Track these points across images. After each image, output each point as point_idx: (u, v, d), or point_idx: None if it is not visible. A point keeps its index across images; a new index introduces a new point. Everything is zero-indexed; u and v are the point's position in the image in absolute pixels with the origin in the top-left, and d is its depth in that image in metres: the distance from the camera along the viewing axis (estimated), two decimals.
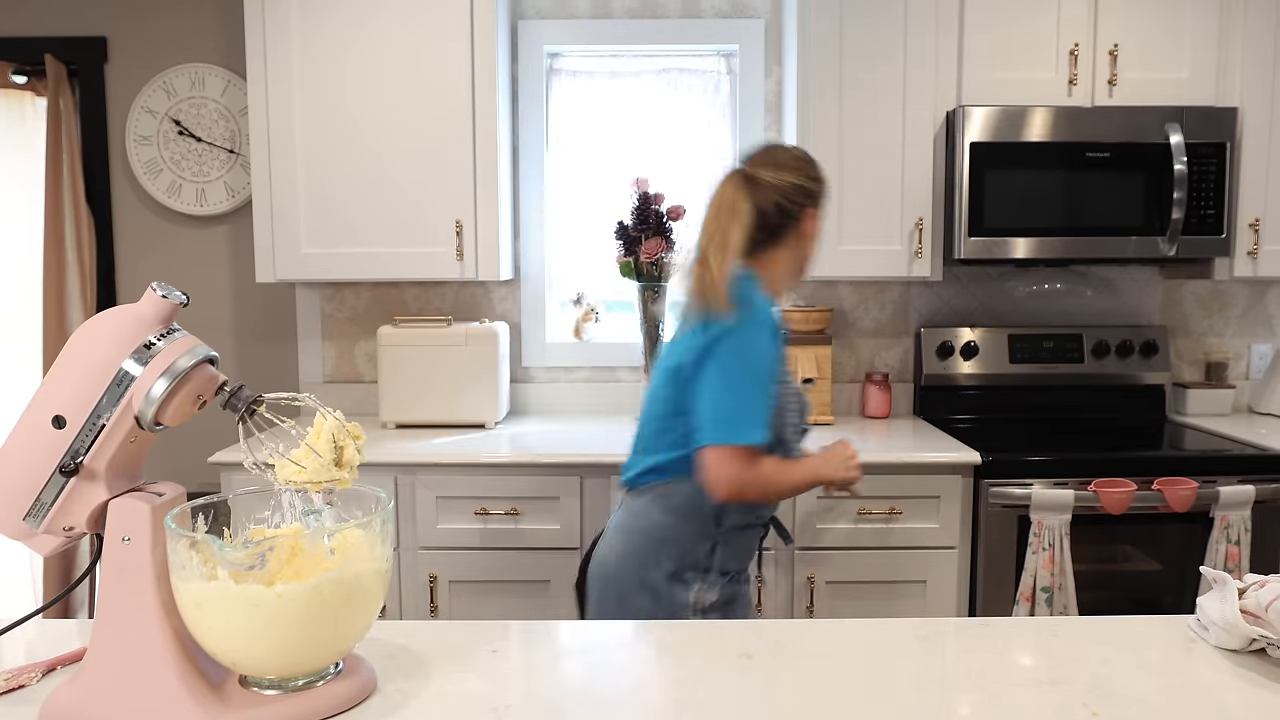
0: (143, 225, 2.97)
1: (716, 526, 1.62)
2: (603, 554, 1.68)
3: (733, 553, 1.66)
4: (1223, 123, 2.52)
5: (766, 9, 2.89)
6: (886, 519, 2.34)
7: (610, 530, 1.70)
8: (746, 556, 1.70)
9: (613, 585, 1.64)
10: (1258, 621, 1.08)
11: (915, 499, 2.33)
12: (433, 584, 2.37)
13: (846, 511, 2.34)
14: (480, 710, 0.99)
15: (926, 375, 2.87)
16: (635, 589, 1.61)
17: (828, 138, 2.58)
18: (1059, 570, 2.25)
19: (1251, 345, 2.99)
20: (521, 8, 2.90)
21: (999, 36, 2.55)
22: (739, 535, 1.66)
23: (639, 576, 1.61)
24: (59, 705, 0.96)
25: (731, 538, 1.65)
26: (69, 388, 0.96)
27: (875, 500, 2.33)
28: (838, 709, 0.99)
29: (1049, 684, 1.04)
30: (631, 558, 1.62)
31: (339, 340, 2.98)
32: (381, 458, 2.35)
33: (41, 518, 0.98)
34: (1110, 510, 2.27)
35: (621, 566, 1.63)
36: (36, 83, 2.93)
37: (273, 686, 0.98)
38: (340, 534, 0.99)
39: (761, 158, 1.66)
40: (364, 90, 2.57)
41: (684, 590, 1.61)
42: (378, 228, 2.61)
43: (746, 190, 1.62)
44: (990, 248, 2.54)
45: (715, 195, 1.66)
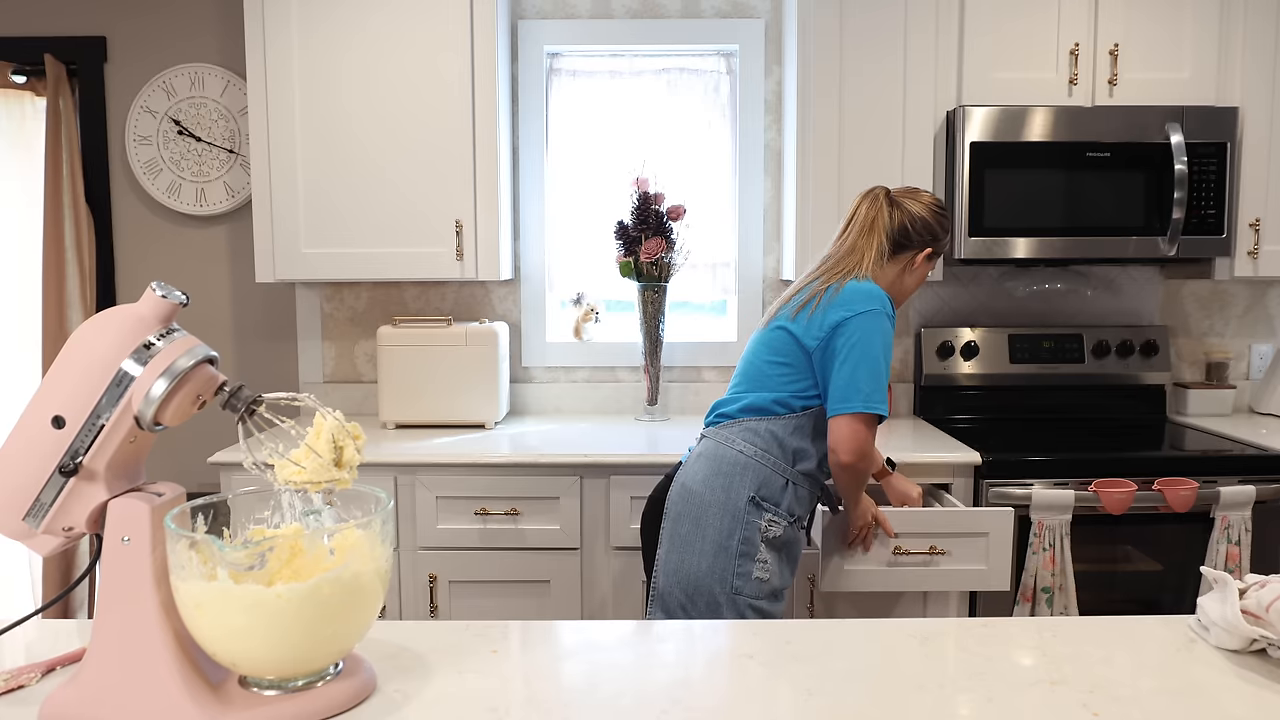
0: (142, 225, 2.97)
1: (791, 466, 1.85)
2: (686, 477, 1.87)
3: (799, 497, 1.86)
4: (1223, 122, 2.52)
5: (766, 9, 2.89)
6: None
7: (694, 458, 1.90)
8: (806, 507, 1.90)
9: (694, 504, 1.83)
10: (1258, 622, 1.08)
11: None
12: (433, 584, 2.37)
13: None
14: (480, 710, 0.99)
15: (926, 375, 2.87)
16: (717, 509, 1.80)
17: (828, 138, 2.58)
18: (1059, 570, 2.25)
19: (1252, 345, 2.99)
20: (521, 8, 2.90)
21: (999, 36, 2.55)
22: (806, 482, 1.87)
23: (724, 496, 1.81)
24: (58, 705, 0.96)
25: (801, 482, 1.86)
26: (68, 388, 0.96)
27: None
28: (838, 709, 0.99)
29: (1049, 684, 1.04)
30: (717, 478, 1.82)
31: (339, 340, 2.98)
32: (381, 458, 2.34)
33: (41, 518, 0.98)
34: (1111, 510, 2.27)
35: (708, 485, 1.83)
36: (36, 82, 2.93)
37: (272, 687, 0.98)
38: (340, 534, 0.99)
39: (908, 191, 1.95)
40: (364, 90, 2.57)
41: (759, 515, 1.80)
42: (377, 228, 2.61)
43: (888, 208, 1.92)
44: (990, 248, 2.54)
45: (863, 206, 1.93)
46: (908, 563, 2.01)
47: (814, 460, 1.88)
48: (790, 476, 1.85)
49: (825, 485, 1.96)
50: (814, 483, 1.91)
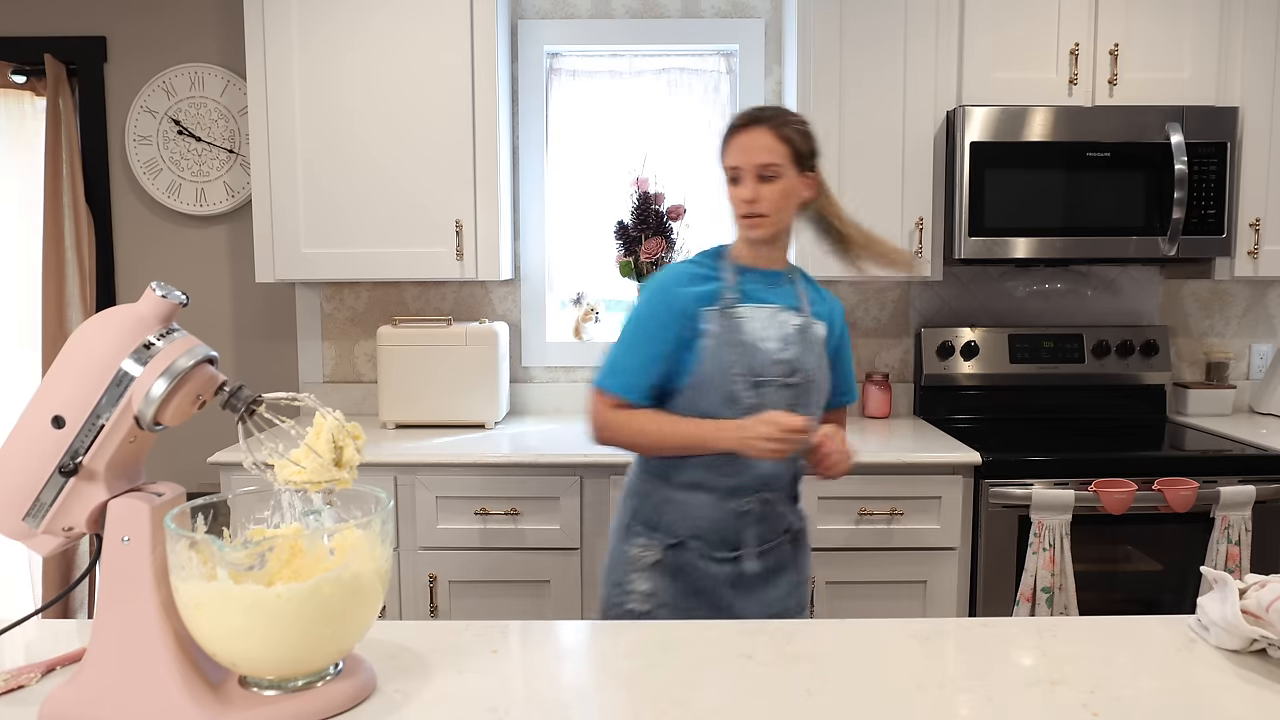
0: (142, 225, 2.97)
1: (665, 482, 1.66)
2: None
3: (683, 515, 1.64)
4: (1223, 122, 2.52)
5: (766, 9, 2.89)
6: (887, 519, 2.34)
7: None
8: (709, 527, 1.64)
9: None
10: (1258, 622, 1.08)
11: (915, 499, 2.33)
12: (433, 584, 2.37)
13: (847, 512, 2.34)
14: (480, 710, 0.99)
15: (927, 375, 2.87)
16: (610, 540, 1.75)
17: (828, 137, 2.58)
18: (1059, 570, 2.25)
19: (1252, 345, 2.99)
20: (521, 8, 2.90)
21: (999, 36, 2.55)
22: (691, 497, 1.64)
23: (614, 524, 1.76)
24: (58, 705, 0.96)
25: (682, 498, 1.64)
26: (68, 388, 0.96)
27: (876, 500, 2.33)
28: (838, 709, 0.99)
29: (1049, 684, 1.04)
30: (616, 512, 1.78)
31: (339, 340, 2.98)
32: (381, 458, 2.34)
33: (41, 518, 0.98)
34: (1111, 510, 2.27)
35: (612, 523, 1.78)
36: (36, 82, 2.93)
37: (272, 687, 0.98)
38: (340, 534, 0.99)
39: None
40: (364, 90, 2.57)
41: (630, 542, 1.67)
42: (377, 227, 2.61)
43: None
44: (990, 248, 2.54)
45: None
46: (871, 521, 2.34)
47: (693, 468, 1.63)
48: (668, 494, 1.65)
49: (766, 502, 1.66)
50: (706, 493, 1.63)
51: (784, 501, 1.70)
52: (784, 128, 1.62)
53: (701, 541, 1.64)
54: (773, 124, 1.61)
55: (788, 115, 1.64)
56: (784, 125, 1.62)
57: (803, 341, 1.65)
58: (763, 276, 1.68)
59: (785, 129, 1.62)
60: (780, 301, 1.67)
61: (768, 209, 1.61)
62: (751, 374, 1.61)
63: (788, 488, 1.71)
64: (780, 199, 1.62)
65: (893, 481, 2.32)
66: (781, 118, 1.62)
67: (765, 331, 1.63)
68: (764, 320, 1.64)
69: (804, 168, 1.64)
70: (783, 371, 1.63)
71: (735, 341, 1.62)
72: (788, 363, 1.63)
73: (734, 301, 1.64)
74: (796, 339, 1.64)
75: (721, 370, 1.61)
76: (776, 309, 1.66)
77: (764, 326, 1.64)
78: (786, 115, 1.63)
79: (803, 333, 1.66)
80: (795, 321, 1.66)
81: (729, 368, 1.60)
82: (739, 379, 1.60)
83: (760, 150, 1.60)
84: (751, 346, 1.62)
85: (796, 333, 1.65)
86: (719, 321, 1.62)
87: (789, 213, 1.65)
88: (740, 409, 1.60)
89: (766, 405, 1.60)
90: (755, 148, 1.61)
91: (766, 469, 1.64)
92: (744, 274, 1.68)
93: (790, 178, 1.62)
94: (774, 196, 1.61)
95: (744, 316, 1.63)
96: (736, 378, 1.60)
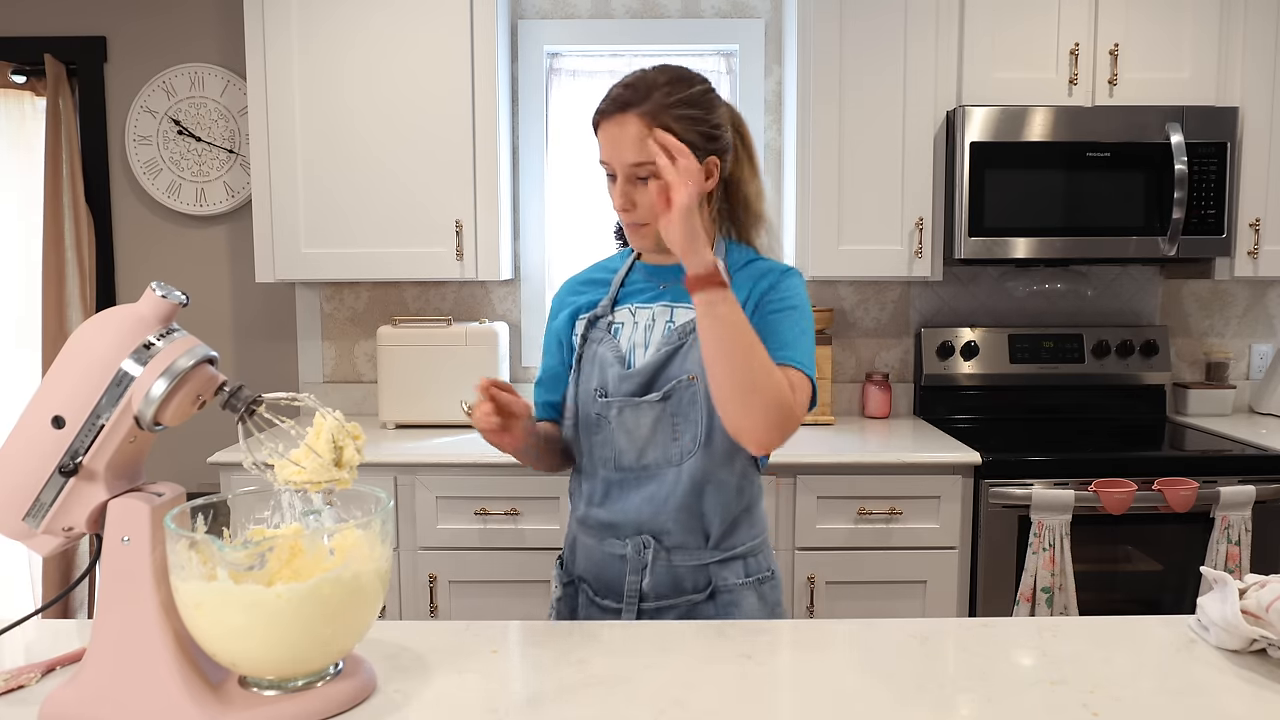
0: (142, 225, 2.97)
1: (571, 513, 1.49)
2: None
3: (573, 551, 1.46)
4: (1223, 122, 2.52)
5: (766, 9, 2.89)
6: (886, 519, 2.34)
7: None
8: (590, 569, 1.42)
9: None
10: (1258, 622, 1.08)
11: (915, 499, 2.33)
12: (433, 584, 2.37)
13: (846, 511, 2.34)
14: (480, 710, 0.99)
15: (926, 375, 2.87)
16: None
17: (828, 137, 2.58)
18: (1059, 570, 2.25)
19: (1252, 345, 2.99)
20: (521, 8, 2.90)
21: (999, 36, 2.55)
22: (579, 531, 1.45)
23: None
24: (59, 705, 0.96)
25: (573, 531, 1.47)
26: (68, 388, 0.96)
27: (875, 500, 2.33)
28: (838, 709, 0.99)
29: (1049, 684, 1.04)
30: None
31: (339, 340, 2.98)
32: (381, 458, 2.34)
33: (41, 518, 0.98)
34: (1111, 510, 2.27)
35: None
36: (36, 82, 2.92)
37: (272, 687, 0.98)
38: (340, 534, 0.99)
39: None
40: (364, 90, 2.57)
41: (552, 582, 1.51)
42: (377, 228, 2.61)
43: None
44: (990, 248, 2.54)
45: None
46: (871, 521, 2.33)
47: (579, 497, 1.46)
48: (570, 525, 1.49)
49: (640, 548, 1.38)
50: (589, 528, 1.43)
51: (689, 553, 1.37)
52: (661, 114, 1.26)
53: (588, 585, 1.43)
54: (646, 110, 1.26)
55: (670, 91, 1.28)
56: (661, 111, 1.26)
57: (686, 344, 1.35)
58: (661, 274, 1.42)
59: (663, 115, 1.26)
60: (672, 299, 1.40)
61: (646, 216, 1.31)
62: (605, 393, 1.38)
63: (688, 535, 1.36)
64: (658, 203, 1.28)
65: (892, 481, 2.32)
66: (659, 98, 1.26)
67: (635, 339, 1.39)
68: (642, 326, 1.39)
69: (699, 155, 1.28)
70: (634, 388, 1.35)
71: (593, 356, 1.40)
72: (642, 375, 1.35)
73: (606, 310, 1.43)
74: (674, 342, 1.35)
75: (584, 391, 1.40)
76: (666, 308, 1.40)
77: (638, 334, 1.39)
78: (669, 91, 1.27)
79: (689, 333, 1.35)
80: (686, 318, 1.37)
81: (588, 386, 1.40)
82: (596, 400, 1.38)
83: (630, 146, 1.26)
84: (607, 361, 1.38)
85: (677, 334, 1.36)
86: (588, 334, 1.43)
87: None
88: (601, 435, 1.38)
89: (630, 429, 1.36)
90: (625, 142, 1.27)
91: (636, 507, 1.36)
92: (636, 273, 1.45)
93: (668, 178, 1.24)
94: (653, 202, 1.27)
95: (618, 324, 1.41)
96: (594, 398, 1.39)
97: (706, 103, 1.31)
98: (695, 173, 1.19)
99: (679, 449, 1.35)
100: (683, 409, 1.34)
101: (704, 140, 1.30)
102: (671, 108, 1.27)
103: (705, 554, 1.37)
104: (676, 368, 1.34)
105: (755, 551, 1.42)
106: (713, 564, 1.37)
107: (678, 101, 1.28)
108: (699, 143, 1.29)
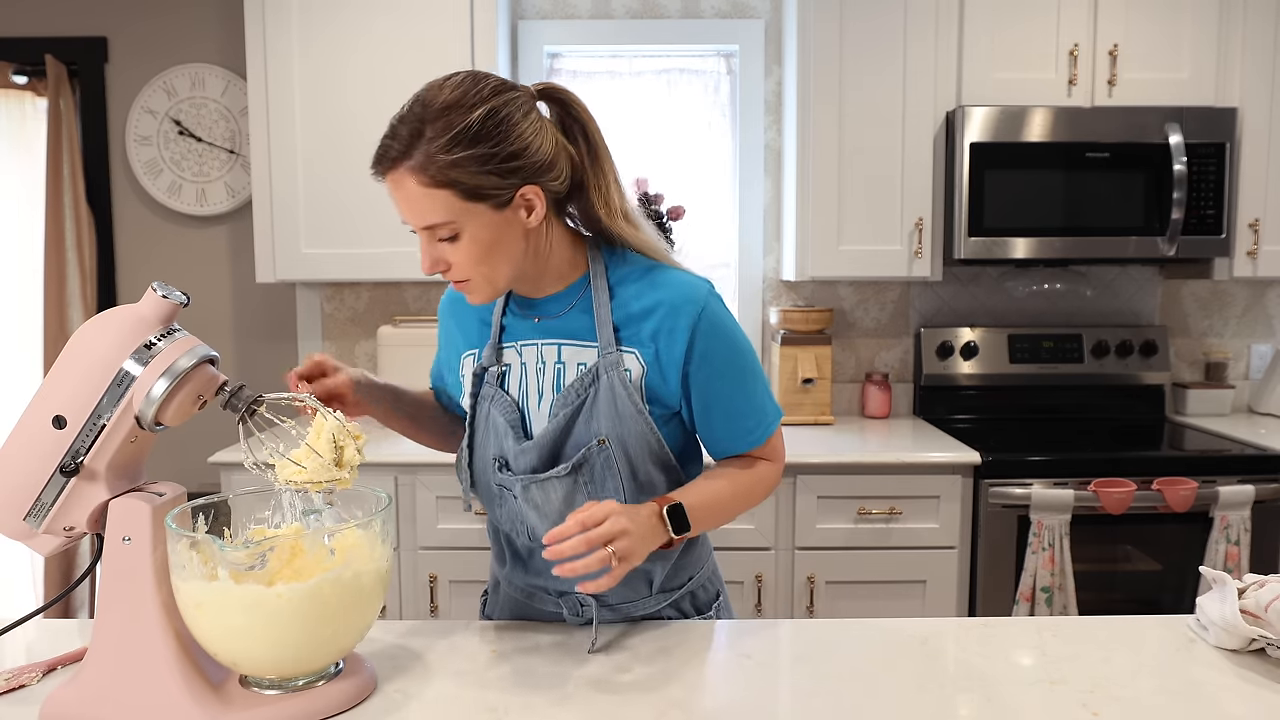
0: (143, 225, 2.97)
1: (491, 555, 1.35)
2: None
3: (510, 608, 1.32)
4: (1222, 123, 2.52)
5: (766, 9, 2.89)
6: (886, 519, 2.34)
7: None
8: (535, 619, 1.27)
9: None
10: (1257, 621, 1.09)
11: (915, 499, 2.33)
12: (433, 584, 2.37)
13: (846, 511, 2.34)
14: (480, 710, 0.99)
15: (926, 375, 2.87)
16: None
17: (828, 138, 2.58)
18: (1059, 570, 2.25)
19: (1251, 345, 2.99)
20: (521, 8, 2.90)
21: (999, 36, 2.55)
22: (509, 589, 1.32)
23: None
24: (59, 705, 0.97)
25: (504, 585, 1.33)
26: (69, 388, 0.96)
27: (875, 500, 2.33)
28: (838, 709, 0.99)
29: (1049, 684, 1.04)
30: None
31: (339, 340, 2.98)
32: (381, 458, 2.34)
33: (42, 518, 0.98)
34: (1110, 510, 2.27)
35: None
36: (37, 83, 2.93)
37: (273, 686, 0.98)
38: (340, 534, 0.99)
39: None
40: (364, 90, 2.57)
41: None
42: (378, 227, 2.61)
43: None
44: (990, 248, 2.54)
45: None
46: (871, 520, 2.33)
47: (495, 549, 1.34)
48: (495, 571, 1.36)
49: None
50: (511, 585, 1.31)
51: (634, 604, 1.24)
52: (435, 167, 1.03)
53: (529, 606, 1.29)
54: (416, 164, 1.04)
55: (442, 131, 1.03)
56: (431, 163, 1.03)
57: (588, 400, 1.14)
58: (533, 308, 1.20)
59: (438, 168, 1.03)
60: (559, 334, 1.18)
61: (466, 272, 1.10)
62: (505, 465, 1.19)
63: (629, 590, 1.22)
64: (477, 256, 1.08)
65: (892, 481, 2.33)
66: (427, 149, 1.03)
67: (527, 386, 1.18)
68: (532, 369, 1.18)
69: (499, 200, 1.06)
70: (536, 462, 1.16)
71: (485, 418, 1.20)
72: (545, 446, 1.15)
73: (491, 358, 1.21)
74: (573, 401, 1.14)
75: (480, 458, 1.22)
76: (553, 345, 1.18)
77: (529, 379, 1.18)
78: (440, 131, 1.03)
79: (589, 386, 1.14)
80: (582, 360, 1.16)
81: (484, 454, 1.21)
82: (496, 472, 1.20)
83: (417, 207, 1.07)
84: (500, 429, 1.18)
85: (574, 391, 1.14)
86: (477, 391, 1.21)
87: (508, 258, 1.11)
88: (507, 508, 1.21)
89: (540, 505, 1.17)
90: (409, 204, 1.08)
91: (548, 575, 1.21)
92: (512, 305, 1.22)
93: (481, 223, 1.06)
94: (466, 259, 1.08)
95: (506, 366, 1.20)
96: (493, 469, 1.20)
97: (495, 129, 1.04)
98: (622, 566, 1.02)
99: None
100: (597, 476, 1.15)
101: (503, 176, 1.05)
102: (446, 152, 1.03)
103: (651, 601, 1.24)
104: (581, 432, 1.14)
105: (702, 582, 1.30)
106: (664, 607, 1.26)
107: (451, 142, 1.03)
108: (496, 183, 1.05)
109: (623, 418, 1.13)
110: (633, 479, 1.16)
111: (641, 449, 1.15)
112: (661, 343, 1.14)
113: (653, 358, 1.14)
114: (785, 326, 2.76)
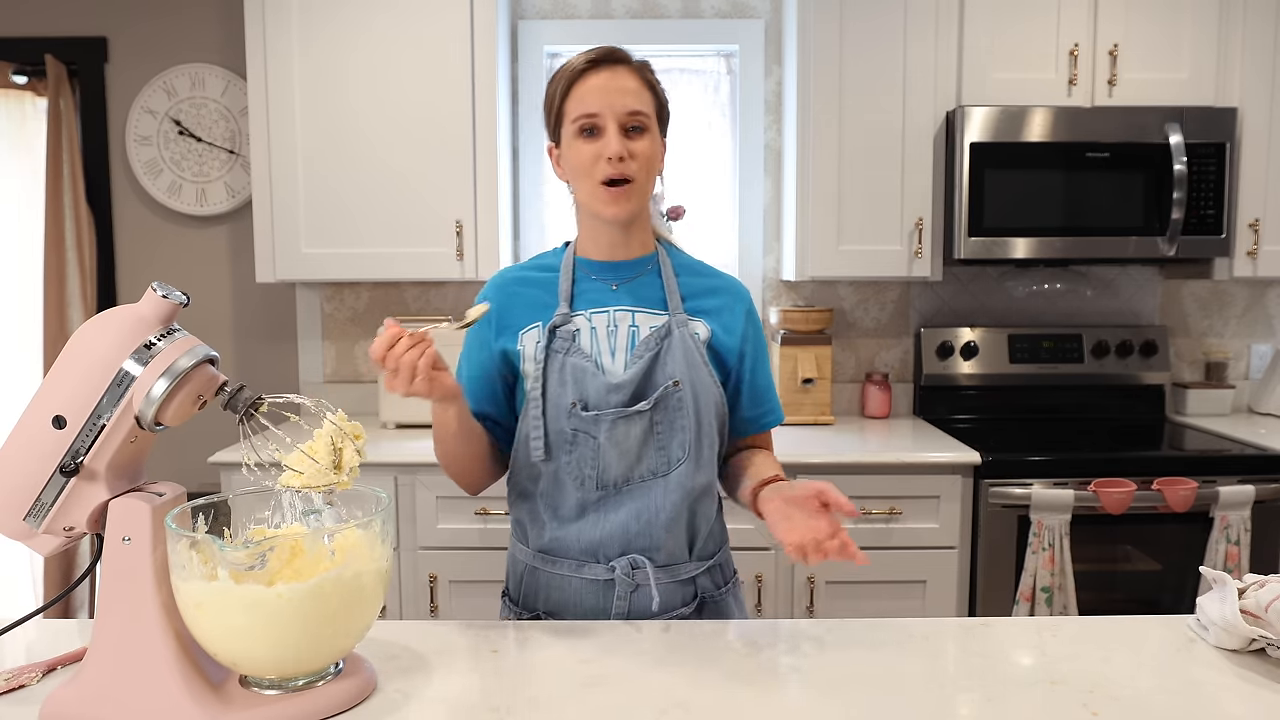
0: (143, 225, 2.97)
1: (522, 542, 1.39)
2: None
3: (548, 588, 1.33)
4: (1222, 123, 2.52)
5: (766, 9, 2.89)
6: (886, 519, 2.34)
7: None
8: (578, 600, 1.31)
9: None
10: (1257, 621, 1.08)
11: (915, 499, 2.33)
12: (433, 584, 2.37)
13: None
14: (480, 710, 0.99)
15: (926, 375, 2.87)
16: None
17: (828, 137, 2.58)
18: (1059, 570, 2.25)
19: (1251, 345, 2.99)
20: (521, 8, 2.90)
21: (999, 37, 2.55)
22: (549, 566, 1.33)
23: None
24: (59, 705, 0.96)
25: (535, 564, 1.35)
26: (69, 388, 0.96)
27: (875, 500, 2.33)
28: (838, 709, 0.99)
29: (1049, 684, 1.04)
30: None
31: (339, 340, 2.98)
32: (381, 458, 2.35)
33: (42, 518, 0.98)
34: (1110, 510, 2.27)
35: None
36: (37, 83, 2.93)
37: (273, 686, 0.98)
38: (340, 534, 0.99)
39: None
40: (364, 90, 2.57)
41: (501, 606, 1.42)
42: (378, 227, 2.61)
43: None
44: (990, 248, 2.54)
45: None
46: (871, 520, 2.34)
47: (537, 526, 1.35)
48: (523, 557, 1.38)
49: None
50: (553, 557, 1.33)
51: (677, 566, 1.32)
52: (649, 73, 1.30)
53: (554, 619, 1.32)
54: (639, 67, 1.29)
55: (649, 68, 1.32)
56: (648, 71, 1.31)
57: (663, 350, 1.29)
58: (611, 271, 1.34)
59: (650, 75, 1.30)
60: (632, 302, 1.32)
61: (638, 170, 1.26)
62: (586, 406, 1.27)
63: (678, 549, 1.31)
64: (650, 160, 1.28)
65: (892, 481, 2.33)
66: (644, 65, 1.31)
67: (599, 347, 1.30)
68: (603, 332, 1.30)
69: (662, 129, 1.32)
70: (622, 399, 1.27)
71: (562, 368, 1.28)
72: (631, 385, 1.27)
73: (565, 317, 1.30)
74: (652, 348, 1.29)
75: (554, 407, 1.28)
76: (626, 311, 1.31)
77: (600, 341, 1.30)
78: (648, 67, 1.32)
79: (664, 338, 1.29)
80: (654, 324, 1.31)
81: (560, 401, 1.28)
82: (574, 415, 1.27)
83: (629, 93, 1.26)
84: (586, 371, 1.27)
85: (653, 339, 1.29)
86: (551, 344, 1.29)
87: (653, 184, 1.31)
88: (578, 452, 1.28)
89: (620, 443, 1.27)
90: (623, 90, 1.25)
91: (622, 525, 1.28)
92: (583, 273, 1.35)
93: (656, 138, 1.29)
94: (646, 155, 1.26)
95: (576, 329, 1.30)
96: (569, 414, 1.27)
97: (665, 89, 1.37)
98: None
99: (666, 459, 1.29)
100: (669, 416, 1.28)
101: (662, 118, 1.32)
102: (653, 74, 1.31)
103: (690, 566, 1.33)
104: (659, 375, 1.28)
105: (724, 558, 1.40)
106: (699, 575, 1.34)
107: (654, 74, 1.32)
108: (663, 113, 1.32)
109: (693, 366, 1.29)
110: (697, 426, 1.29)
111: (707, 398, 1.30)
112: (725, 318, 1.35)
113: (718, 326, 1.35)
114: (785, 326, 2.76)
